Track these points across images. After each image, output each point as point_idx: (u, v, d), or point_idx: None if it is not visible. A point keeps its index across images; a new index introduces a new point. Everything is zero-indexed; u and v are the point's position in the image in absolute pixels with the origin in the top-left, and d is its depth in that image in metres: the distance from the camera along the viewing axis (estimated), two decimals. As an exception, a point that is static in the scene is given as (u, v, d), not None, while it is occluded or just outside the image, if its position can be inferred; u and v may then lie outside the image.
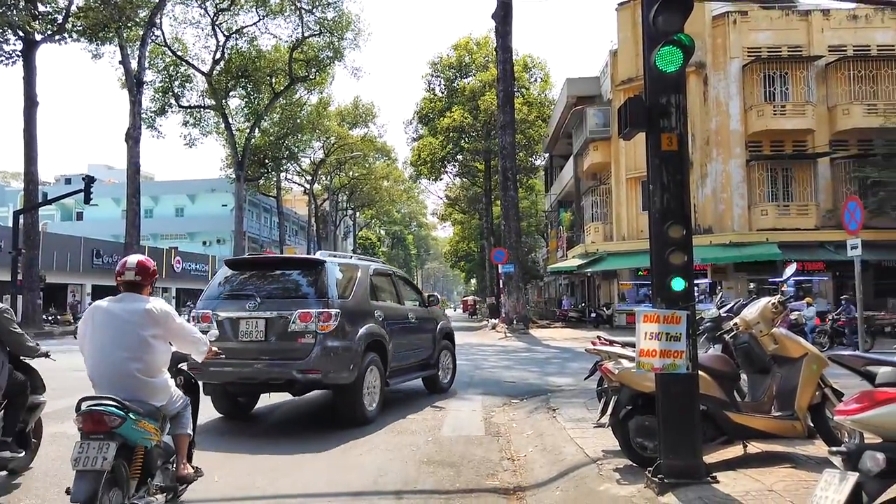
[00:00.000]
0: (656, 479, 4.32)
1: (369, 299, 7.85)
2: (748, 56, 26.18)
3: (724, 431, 4.93)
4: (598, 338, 6.18)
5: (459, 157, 44.60)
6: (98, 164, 65.19)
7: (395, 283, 9.09)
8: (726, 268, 25.76)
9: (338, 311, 6.99)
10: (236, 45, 37.58)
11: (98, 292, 31.15)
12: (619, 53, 28.18)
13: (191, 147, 59.52)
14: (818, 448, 5.19)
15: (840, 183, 25.79)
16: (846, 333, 17.22)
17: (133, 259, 4.08)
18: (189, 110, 39.67)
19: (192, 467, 4.31)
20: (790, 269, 6.02)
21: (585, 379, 7.61)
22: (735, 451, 5.20)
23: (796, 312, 16.46)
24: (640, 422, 4.90)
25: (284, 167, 50.85)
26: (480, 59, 44.12)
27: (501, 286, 29.10)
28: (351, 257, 8.83)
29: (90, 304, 5.15)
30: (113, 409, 3.47)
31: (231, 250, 42.33)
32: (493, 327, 28.30)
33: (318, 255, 7.88)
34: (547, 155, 44.85)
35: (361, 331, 7.30)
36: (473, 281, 76.08)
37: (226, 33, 36.83)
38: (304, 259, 8.28)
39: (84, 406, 3.50)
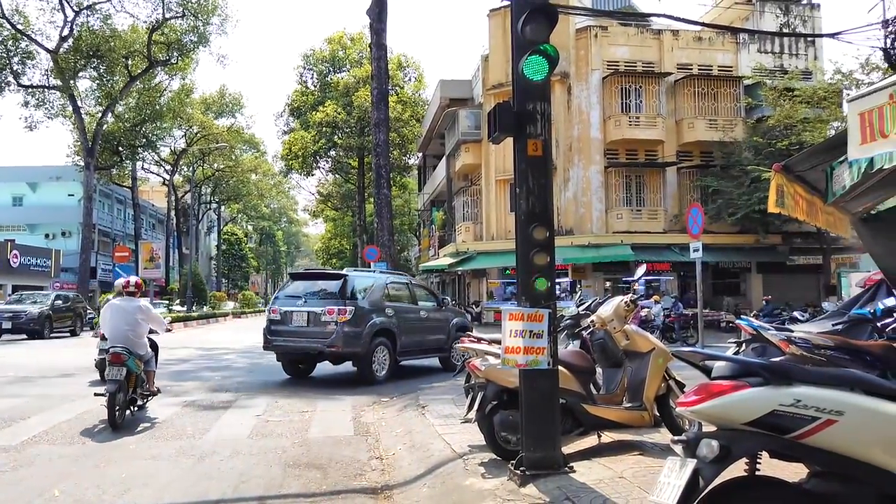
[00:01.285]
0: (518, 472, 4.50)
1: (382, 301, 11.03)
2: (608, 69, 27.89)
3: (582, 423, 5.21)
4: (467, 335, 6.32)
5: (332, 152, 43.81)
6: (-84, 145, 57.33)
7: (412, 290, 12.30)
8: (585, 267, 27.30)
9: (352, 308, 10.30)
10: (87, 22, 34.49)
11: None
12: (490, 59, 28.97)
13: (32, 130, 53.78)
14: (663, 436, 5.63)
15: (685, 190, 28.18)
16: (675, 328, 19.01)
17: (133, 279, 8.03)
18: (30, 90, 35.94)
19: (155, 388, 8.05)
20: (641, 270, 6.49)
21: (454, 375, 7.76)
22: (590, 441, 5.52)
23: (645, 310, 17.82)
24: (505, 416, 5.07)
25: (141, 156, 47.46)
26: (355, 54, 43.61)
27: (373, 284, 28.93)
28: (374, 271, 12.86)
29: None
30: (124, 351, 7.19)
31: (78, 244, 38.88)
32: (364, 325, 28.05)
33: (345, 271, 11.33)
34: (420, 154, 45.24)
35: (371, 321, 10.53)
36: (345, 278, 75.20)
37: (75, 8, 33.68)
38: (335, 273, 11.71)
39: (111, 350, 7.19)
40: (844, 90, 22.58)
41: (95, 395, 7.45)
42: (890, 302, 4.88)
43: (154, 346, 8.29)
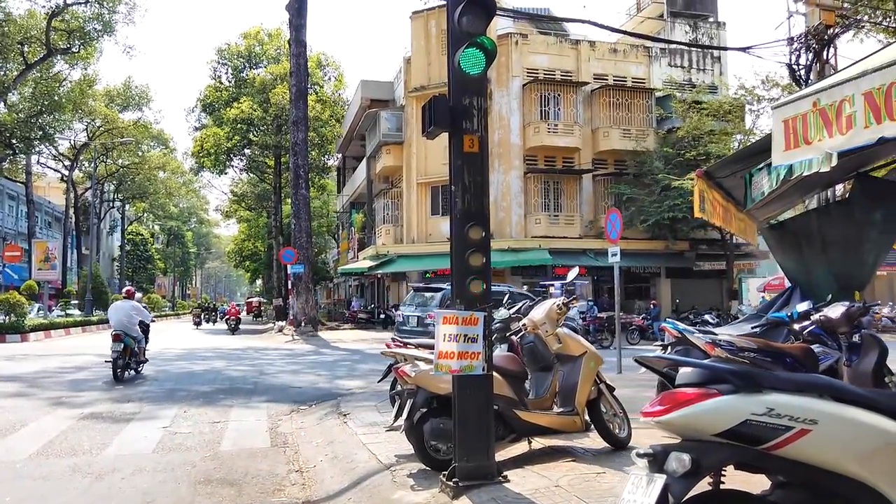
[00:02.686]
0: (451, 483, 4.28)
1: None
2: (528, 76, 28.32)
3: (514, 429, 5.05)
4: (394, 340, 6.07)
5: (247, 150, 42.23)
6: None
7: (514, 297, 14.03)
8: (504, 271, 27.54)
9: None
10: (-23, 2, 31.82)
11: None
12: (412, 61, 28.79)
13: None
14: (593, 440, 5.57)
15: (600, 197, 28.96)
16: (591, 331, 19.56)
17: (126, 288, 13.82)
18: None
19: (145, 358, 12.44)
20: (573, 273, 6.45)
21: (379, 381, 7.48)
22: (521, 447, 5.38)
23: (564, 313, 18.11)
24: (436, 424, 4.84)
25: (37, 149, 44.19)
26: (272, 51, 42.30)
27: (290, 287, 28.15)
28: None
29: None
30: (122, 332, 11.44)
31: (-38, 243, 35.71)
32: (280, 330, 27.28)
33: (442, 286, 15.10)
34: (340, 155, 44.47)
35: None
36: (259, 282, 72.85)
37: (-38, -13, 31.05)
38: (437, 287, 15.60)
39: (113, 332, 11.47)
40: (747, 104, 23.88)
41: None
42: (804, 306, 5.03)
43: (145, 330, 12.44)
